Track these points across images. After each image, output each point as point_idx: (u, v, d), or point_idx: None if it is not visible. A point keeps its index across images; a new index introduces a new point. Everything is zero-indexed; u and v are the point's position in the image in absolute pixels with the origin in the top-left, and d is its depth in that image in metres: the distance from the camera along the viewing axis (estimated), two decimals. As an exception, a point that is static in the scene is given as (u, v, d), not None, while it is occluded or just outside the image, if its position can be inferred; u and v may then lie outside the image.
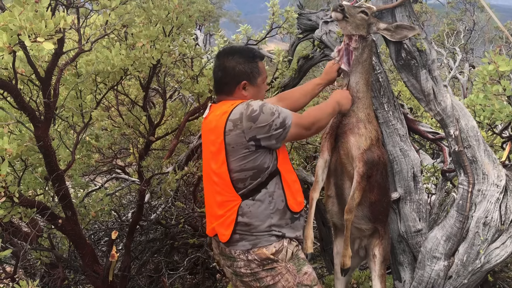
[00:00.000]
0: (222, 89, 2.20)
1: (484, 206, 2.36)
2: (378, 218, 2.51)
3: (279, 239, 2.10)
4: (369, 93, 2.47)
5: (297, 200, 2.19)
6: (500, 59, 2.41)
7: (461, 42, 9.63)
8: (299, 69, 3.38)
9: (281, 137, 2.07)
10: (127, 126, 3.21)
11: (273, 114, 2.04)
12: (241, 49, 2.25)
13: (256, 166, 2.06)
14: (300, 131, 2.15)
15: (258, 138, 2.03)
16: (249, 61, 2.17)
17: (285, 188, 2.13)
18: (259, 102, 2.07)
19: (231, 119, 2.04)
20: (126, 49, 2.55)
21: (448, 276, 2.45)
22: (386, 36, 2.40)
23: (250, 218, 2.07)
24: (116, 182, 5.50)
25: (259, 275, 2.09)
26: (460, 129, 2.38)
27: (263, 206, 2.08)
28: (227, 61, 2.16)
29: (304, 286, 2.12)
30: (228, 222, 2.10)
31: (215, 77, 2.22)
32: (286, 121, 2.07)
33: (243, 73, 2.15)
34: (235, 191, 2.08)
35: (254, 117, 2.01)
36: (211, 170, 2.14)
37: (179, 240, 3.93)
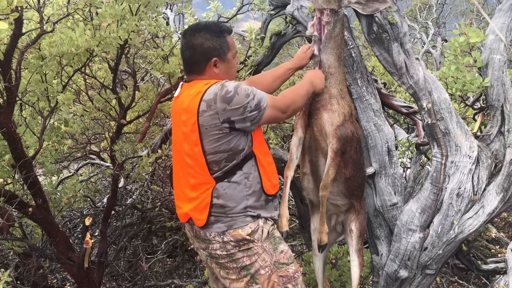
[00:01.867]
0: (192, 68, 2.13)
1: (457, 178, 2.39)
2: (354, 193, 2.52)
3: (254, 219, 2.08)
4: (341, 68, 2.44)
5: (272, 183, 2.16)
6: (471, 31, 2.41)
7: (433, 16, 9.68)
8: (272, 46, 3.34)
9: (255, 120, 2.03)
10: (97, 109, 3.12)
11: (248, 95, 1.99)
12: (207, 24, 2.16)
13: (231, 148, 2.02)
14: (276, 113, 2.10)
15: (233, 120, 1.98)
16: (217, 36, 2.09)
17: (260, 171, 2.10)
18: (234, 83, 2.01)
19: (204, 99, 1.98)
20: (92, 29, 2.45)
21: (423, 248, 2.49)
22: (357, 9, 2.36)
23: (226, 200, 2.04)
24: (91, 168, 5.40)
25: (235, 256, 2.07)
26: (432, 102, 2.39)
27: (239, 188, 2.05)
28: (194, 38, 2.08)
29: (281, 264, 2.12)
30: (202, 205, 2.06)
31: (183, 57, 2.14)
32: (261, 103, 2.02)
33: (212, 49, 2.08)
34: (210, 173, 2.04)
35: (229, 98, 1.96)
36: (184, 151, 2.09)
37: (157, 224, 3.90)
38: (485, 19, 9.13)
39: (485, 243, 4.57)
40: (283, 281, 2.10)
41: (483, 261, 3.99)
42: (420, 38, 8.67)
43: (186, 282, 3.56)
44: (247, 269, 2.08)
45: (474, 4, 9.40)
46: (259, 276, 2.08)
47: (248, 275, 2.08)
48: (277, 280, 2.09)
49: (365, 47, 7.13)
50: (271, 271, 2.09)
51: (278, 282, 2.09)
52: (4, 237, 2.77)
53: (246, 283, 2.09)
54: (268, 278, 2.08)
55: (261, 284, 2.08)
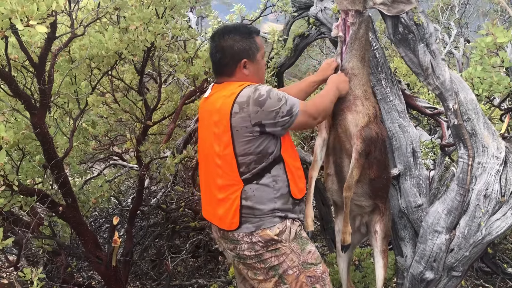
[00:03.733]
0: (222, 70, 2.15)
1: (485, 179, 2.36)
2: (378, 194, 2.52)
3: (282, 220, 2.09)
4: (365, 69, 2.44)
5: (299, 187, 2.16)
6: (498, 31, 2.39)
7: (455, 17, 9.55)
8: (294, 48, 3.35)
9: (287, 125, 2.05)
10: (123, 111, 3.18)
11: (280, 100, 2.01)
12: (235, 26, 2.19)
13: (261, 151, 2.03)
14: (307, 119, 2.12)
15: (264, 123, 1.99)
16: (246, 37, 2.11)
17: (288, 175, 2.11)
18: (267, 87, 2.03)
19: (238, 101, 1.99)
20: (120, 32, 2.51)
21: (450, 249, 2.47)
22: (382, 10, 2.37)
23: (254, 202, 2.05)
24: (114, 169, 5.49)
25: (263, 257, 2.08)
26: (459, 103, 2.37)
27: (267, 190, 2.06)
28: (224, 40, 2.10)
29: (309, 264, 2.12)
30: (233, 208, 2.06)
31: (213, 60, 2.16)
32: (294, 108, 2.04)
33: (242, 51, 2.10)
34: (239, 175, 2.05)
35: (261, 101, 1.97)
36: (214, 152, 2.09)
37: (180, 224, 3.94)
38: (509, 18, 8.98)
39: (511, 246, 4.50)
40: (311, 282, 2.11)
41: (508, 264, 3.93)
42: (442, 39, 8.57)
43: (210, 282, 3.59)
44: (275, 269, 2.09)
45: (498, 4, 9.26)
46: (287, 276, 2.09)
47: (276, 275, 2.09)
48: (305, 280, 2.10)
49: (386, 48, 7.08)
50: (299, 271, 2.10)
51: (306, 282, 2.10)
52: (34, 235, 2.84)
53: (274, 283, 2.10)
54: (296, 278, 2.09)
55: (289, 284, 2.09)
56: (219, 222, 2.14)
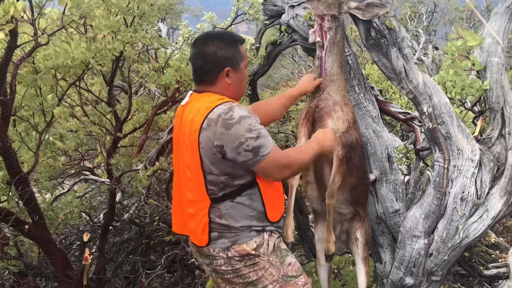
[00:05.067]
0: (203, 78, 2.02)
1: (461, 182, 2.36)
2: (359, 201, 2.49)
3: (259, 233, 2.00)
4: (343, 75, 2.42)
5: (276, 211, 2.05)
6: (468, 34, 2.41)
7: (423, 24, 9.80)
8: (267, 55, 3.33)
9: (248, 163, 1.88)
10: (93, 123, 3.08)
11: (250, 131, 1.84)
12: (220, 33, 2.11)
13: (228, 173, 1.91)
14: (274, 168, 1.92)
15: (225, 149, 1.86)
16: (231, 45, 2.00)
17: (264, 199, 1.99)
18: (244, 111, 1.88)
19: (208, 117, 1.87)
20: (87, 41, 2.43)
21: (429, 254, 2.45)
22: (357, 15, 2.35)
23: (229, 220, 1.95)
24: (86, 184, 5.34)
25: (241, 272, 2.00)
26: (433, 106, 2.37)
27: (243, 208, 1.96)
28: (207, 47, 1.98)
29: (290, 277, 2.04)
30: (201, 226, 1.96)
31: (194, 66, 2.04)
32: (262, 149, 1.87)
33: (225, 59, 1.98)
34: (207, 192, 1.94)
35: (229, 124, 1.83)
36: (185, 163, 2.00)
37: (155, 239, 3.83)
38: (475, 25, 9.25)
39: (485, 248, 4.56)
40: None
41: (484, 266, 3.96)
42: (411, 46, 8.74)
43: (186, 297, 3.49)
44: (254, 285, 2.00)
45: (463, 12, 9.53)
46: None
47: None
48: None
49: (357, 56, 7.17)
50: (280, 285, 2.01)
51: None
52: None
53: None
54: None
55: None
56: (191, 235, 2.06)
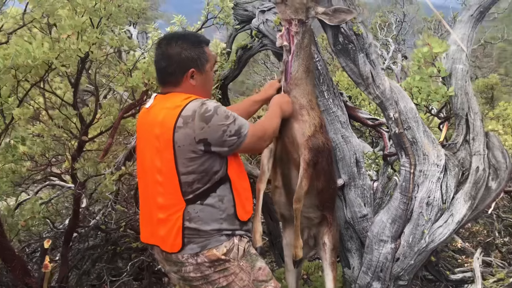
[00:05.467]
0: (167, 79, 1.99)
1: (426, 186, 2.39)
2: (326, 205, 2.49)
3: (229, 238, 1.96)
4: (310, 79, 2.43)
5: (246, 209, 2.04)
6: (434, 41, 2.44)
7: (393, 34, 10.01)
8: (238, 60, 3.32)
9: (234, 145, 1.91)
10: (57, 127, 2.98)
11: (228, 117, 1.88)
12: (184, 34, 2.07)
13: (204, 169, 1.89)
14: (256, 142, 2.01)
15: (210, 141, 1.86)
16: (195, 46, 1.98)
17: (235, 195, 1.98)
18: (215, 103, 1.90)
19: (183, 115, 1.85)
20: (50, 41, 2.35)
21: (395, 259, 2.47)
22: (324, 20, 2.37)
23: (199, 223, 1.91)
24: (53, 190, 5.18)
25: (211, 278, 1.95)
26: (399, 111, 2.40)
27: (213, 211, 1.92)
28: (171, 48, 1.96)
29: (260, 282, 2.02)
30: (175, 230, 1.91)
31: (158, 68, 2.01)
32: (242, 129, 1.92)
33: (190, 60, 1.96)
34: (182, 195, 1.90)
35: (208, 117, 1.84)
36: (155, 167, 1.94)
37: (122, 245, 3.74)
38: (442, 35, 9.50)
39: (452, 253, 4.64)
40: None
41: (450, 271, 4.03)
42: (381, 55, 8.90)
43: (153, 305, 3.41)
44: None
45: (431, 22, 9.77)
46: None
47: None
48: None
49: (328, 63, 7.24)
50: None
51: None
52: (-46, 264, 2.58)
53: None
54: None
55: None
56: (161, 243, 1.98)
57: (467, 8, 2.58)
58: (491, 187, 2.43)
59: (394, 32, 10.03)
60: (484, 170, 2.41)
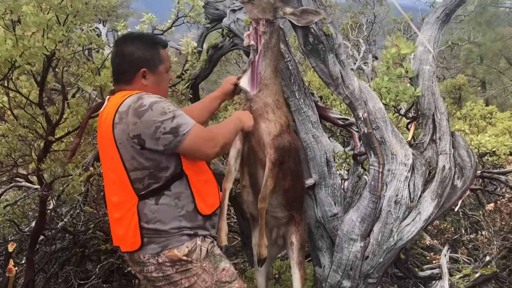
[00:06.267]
0: (120, 77, 2.02)
1: (395, 185, 2.43)
2: (293, 205, 2.50)
3: (191, 238, 1.95)
4: (278, 79, 2.44)
5: (208, 203, 2.02)
6: (402, 42, 2.49)
7: (364, 34, 10.16)
8: (209, 59, 3.30)
9: (171, 145, 1.85)
10: (22, 127, 2.90)
11: (164, 114, 1.83)
12: (141, 34, 2.09)
13: (151, 166, 1.87)
14: (199, 144, 1.91)
15: (143, 138, 1.83)
16: (150, 47, 2.01)
17: (193, 191, 1.95)
18: (154, 98, 1.86)
19: (119, 111, 1.85)
20: (14, 38, 2.28)
21: (365, 257, 2.50)
22: (292, 21, 2.38)
23: (157, 224, 1.90)
24: (19, 192, 5.03)
25: (173, 279, 1.94)
26: (368, 111, 2.43)
27: (169, 210, 1.91)
28: (126, 47, 1.98)
29: (223, 283, 2.01)
30: (132, 227, 1.90)
31: (112, 65, 2.04)
32: (182, 128, 1.85)
33: (142, 60, 1.98)
34: (134, 191, 1.89)
35: (141, 112, 1.81)
36: (108, 166, 1.95)
37: (91, 247, 3.66)
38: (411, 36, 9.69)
39: (421, 250, 4.73)
40: None
41: (419, 268, 4.11)
42: (352, 55, 9.02)
43: (123, 308, 3.35)
44: None
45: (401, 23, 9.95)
46: None
47: None
48: None
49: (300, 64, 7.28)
50: None
51: None
52: None
53: None
54: None
55: None
56: (121, 243, 1.98)
57: (434, 11, 2.64)
58: (456, 186, 2.49)
59: (365, 33, 10.18)
60: (450, 169, 2.46)
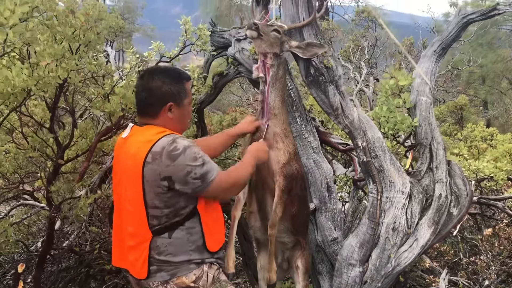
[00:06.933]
0: (146, 110, 2.08)
1: (392, 213, 2.51)
2: (300, 230, 2.58)
3: (198, 266, 2.03)
4: (284, 108, 2.54)
5: (215, 240, 2.09)
6: (400, 74, 2.60)
7: (365, 57, 10.31)
8: (214, 85, 3.40)
9: (198, 189, 1.96)
10: (33, 149, 3.00)
11: (196, 159, 1.92)
12: (166, 69, 2.18)
13: (171, 205, 1.96)
14: (223, 189, 2.04)
15: (173, 179, 1.91)
16: (176, 81, 2.08)
17: (204, 228, 2.04)
18: (188, 142, 1.95)
19: (152, 151, 1.91)
20: (29, 68, 2.39)
21: (363, 282, 2.57)
22: (298, 53, 2.49)
23: (168, 256, 1.98)
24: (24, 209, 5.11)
25: None
26: (367, 141, 2.52)
27: (181, 244, 1.99)
28: (152, 81, 2.05)
29: None
30: (142, 259, 1.98)
31: (138, 98, 2.10)
32: (209, 174, 1.96)
33: (169, 94, 2.05)
34: (148, 227, 1.97)
35: (174, 156, 1.89)
36: (126, 197, 2.01)
37: (95, 267, 3.73)
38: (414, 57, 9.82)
39: (420, 273, 4.76)
40: None
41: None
42: (354, 78, 9.15)
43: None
44: None
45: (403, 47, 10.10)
46: None
47: None
48: None
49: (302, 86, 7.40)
50: None
51: None
52: None
53: None
54: None
55: None
56: (130, 267, 2.05)
57: (431, 44, 2.75)
58: (452, 213, 2.56)
59: (366, 56, 10.32)
60: (446, 197, 2.54)
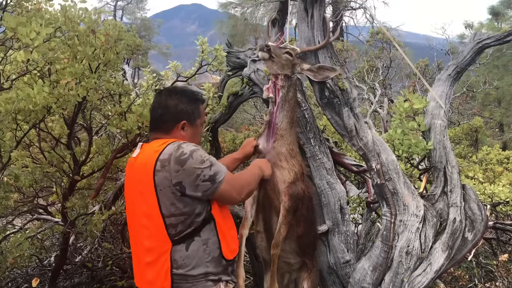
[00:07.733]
0: (159, 126, 2.15)
1: (406, 236, 2.49)
2: (306, 251, 2.57)
3: (215, 284, 2.04)
4: (293, 130, 2.56)
5: (231, 248, 2.13)
6: (414, 97, 2.61)
7: (380, 78, 10.32)
8: (229, 105, 3.44)
9: (208, 191, 2.00)
10: (50, 164, 3.05)
11: (203, 162, 1.98)
12: (184, 89, 2.27)
13: (186, 212, 1.98)
14: (231, 191, 2.07)
15: (184, 185, 1.95)
16: (192, 102, 2.19)
17: (220, 236, 2.07)
18: (192, 146, 2.01)
19: (160, 158, 1.97)
20: (50, 86, 2.46)
21: (376, 305, 2.54)
22: (309, 76, 2.53)
23: (186, 269, 1.99)
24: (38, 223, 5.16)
25: None
26: (381, 163, 2.52)
27: (198, 255, 2.01)
28: (169, 99, 2.15)
29: None
30: (163, 272, 1.98)
31: (153, 115, 2.18)
32: (218, 175, 2.01)
33: (184, 113, 2.15)
34: (168, 236, 1.99)
35: (183, 160, 1.94)
36: (141, 211, 2.03)
37: (107, 283, 3.74)
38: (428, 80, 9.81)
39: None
40: None
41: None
42: (368, 99, 9.15)
43: None
44: None
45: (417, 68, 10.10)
46: None
47: None
48: None
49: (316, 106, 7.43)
50: None
51: None
52: None
53: None
54: None
55: None
56: (148, 286, 2.05)
57: (446, 68, 2.76)
58: (467, 238, 2.53)
59: (380, 77, 10.33)
60: (461, 221, 2.52)
